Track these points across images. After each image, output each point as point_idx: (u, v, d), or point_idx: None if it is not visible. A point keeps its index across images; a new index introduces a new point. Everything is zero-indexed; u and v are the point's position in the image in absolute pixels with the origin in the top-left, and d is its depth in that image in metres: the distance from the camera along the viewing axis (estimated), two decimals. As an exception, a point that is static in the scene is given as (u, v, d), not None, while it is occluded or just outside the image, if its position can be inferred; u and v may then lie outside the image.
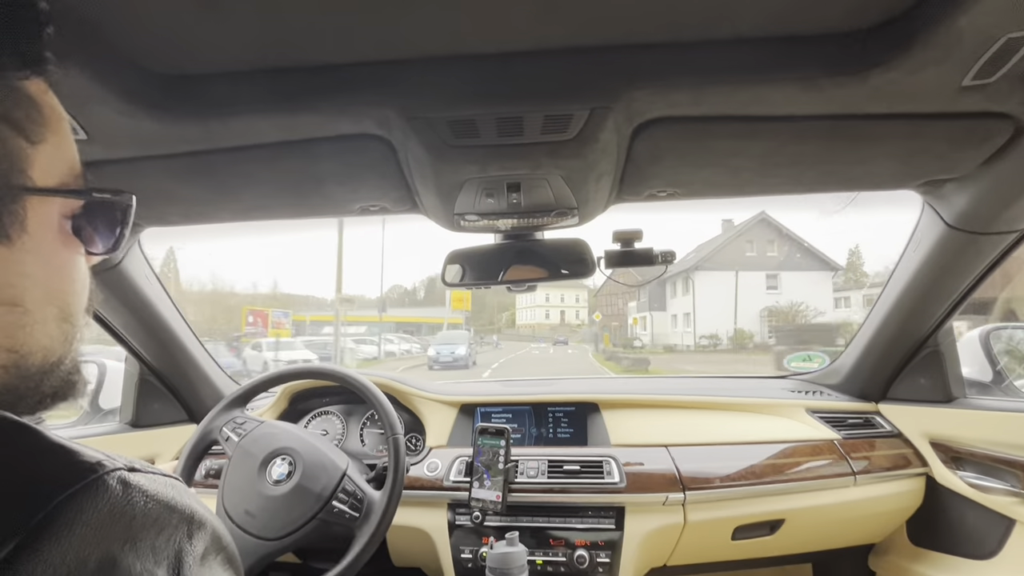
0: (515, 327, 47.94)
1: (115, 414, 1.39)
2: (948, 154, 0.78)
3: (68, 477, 0.28)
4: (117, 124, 0.65)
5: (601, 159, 0.76)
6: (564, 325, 43.50)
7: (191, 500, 0.33)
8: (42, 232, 0.33)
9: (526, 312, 47.15)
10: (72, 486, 0.27)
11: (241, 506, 0.95)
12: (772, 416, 1.35)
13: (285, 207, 0.96)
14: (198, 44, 0.59)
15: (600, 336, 27.14)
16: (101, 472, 0.29)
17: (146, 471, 0.32)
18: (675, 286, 25.87)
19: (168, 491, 0.32)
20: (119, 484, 0.29)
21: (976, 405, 1.16)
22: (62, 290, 0.35)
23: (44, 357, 0.34)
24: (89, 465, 0.29)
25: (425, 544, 1.21)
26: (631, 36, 0.60)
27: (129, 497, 0.29)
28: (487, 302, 55.90)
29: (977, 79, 0.61)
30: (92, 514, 0.27)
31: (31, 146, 0.32)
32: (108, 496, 0.28)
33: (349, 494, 0.97)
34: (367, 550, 0.93)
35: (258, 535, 0.92)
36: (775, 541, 1.21)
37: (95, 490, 0.28)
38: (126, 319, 1.18)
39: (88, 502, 0.27)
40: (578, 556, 1.14)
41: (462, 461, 1.25)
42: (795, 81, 0.63)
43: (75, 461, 0.29)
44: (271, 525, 0.93)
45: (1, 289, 0.31)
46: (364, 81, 0.64)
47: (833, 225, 14.98)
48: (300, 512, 0.94)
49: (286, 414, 1.45)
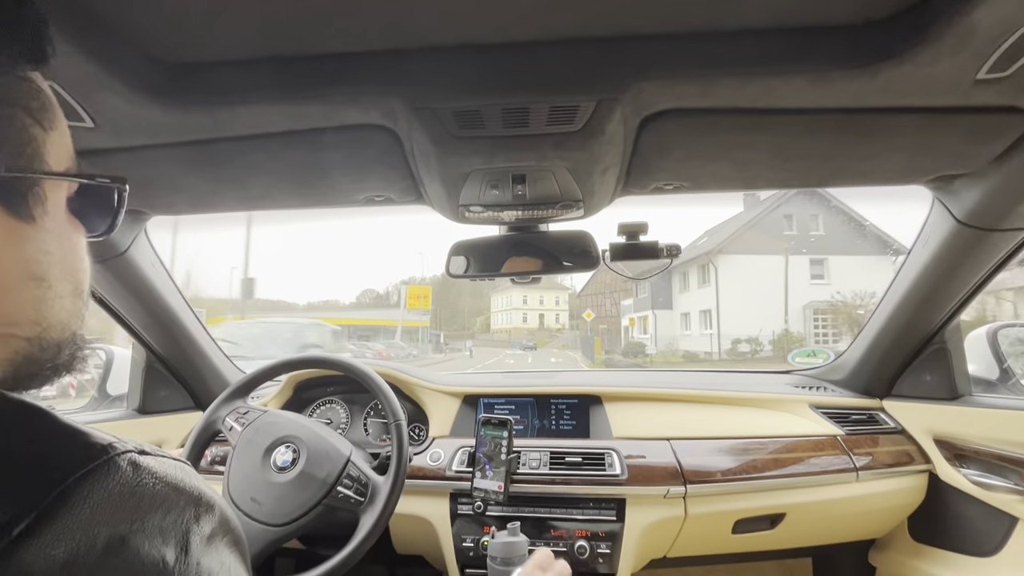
0: (490, 332, 43.98)
1: (122, 400, 1.41)
2: (960, 149, 0.77)
3: (81, 458, 0.29)
4: (124, 112, 0.65)
5: (607, 151, 0.76)
6: (543, 329, 40.21)
7: (199, 483, 0.34)
8: (56, 213, 0.36)
9: (501, 316, 43.55)
10: (84, 466, 0.28)
11: (247, 493, 0.96)
12: (775, 411, 1.35)
13: (291, 196, 0.96)
14: (205, 33, 0.59)
15: (591, 341, 23.39)
16: (112, 454, 0.30)
17: (155, 454, 0.32)
18: (686, 278, 20.41)
19: (177, 473, 0.32)
20: (129, 466, 0.30)
21: (982, 403, 1.15)
22: (75, 267, 0.37)
23: (61, 331, 0.36)
24: (101, 447, 0.30)
25: (427, 532, 1.23)
26: (639, 26, 0.59)
27: (139, 478, 0.30)
28: (460, 307, 52.40)
29: (992, 73, 0.60)
30: (103, 493, 0.28)
31: (44, 133, 0.34)
32: (119, 477, 0.29)
33: (353, 479, 0.99)
34: (372, 534, 0.94)
35: (264, 521, 0.94)
36: (775, 535, 1.22)
37: (106, 471, 0.29)
38: (133, 307, 1.19)
39: (99, 482, 0.28)
40: (579, 547, 1.15)
41: (465, 451, 1.26)
42: (805, 74, 0.62)
43: (87, 443, 0.30)
44: (277, 511, 0.94)
45: (29, 265, 0.33)
46: (370, 71, 0.64)
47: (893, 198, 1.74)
48: (305, 498, 0.95)
49: (291, 403, 1.46)
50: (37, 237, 0.34)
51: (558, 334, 38.18)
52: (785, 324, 16.51)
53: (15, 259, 0.33)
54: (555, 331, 39.56)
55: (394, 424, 1.04)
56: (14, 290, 0.33)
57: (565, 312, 41.29)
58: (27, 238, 0.33)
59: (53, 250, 0.35)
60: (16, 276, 0.33)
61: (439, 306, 48.87)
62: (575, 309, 38.00)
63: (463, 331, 47.71)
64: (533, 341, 33.49)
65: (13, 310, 0.33)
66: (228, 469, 1.01)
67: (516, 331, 39.17)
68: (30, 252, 0.33)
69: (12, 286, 0.32)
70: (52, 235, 0.35)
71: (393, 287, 65.47)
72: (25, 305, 0.33)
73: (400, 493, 0.99)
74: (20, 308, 0.33)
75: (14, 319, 0.33)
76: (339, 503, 0.96)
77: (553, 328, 40.66)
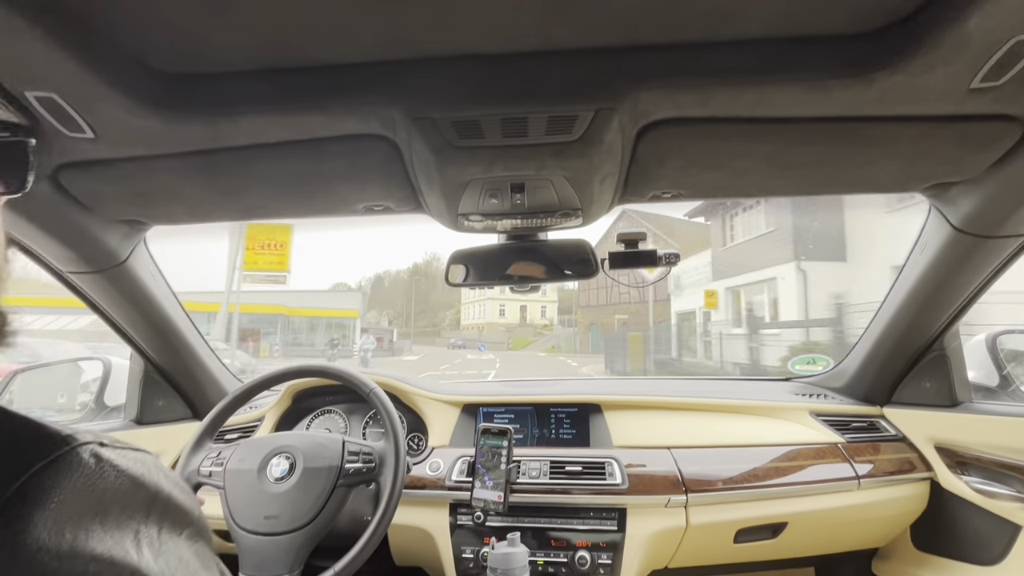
0: (459, 328, 35.32)
1: (120, 411, 1.40)
2: (955, 157, 0.78)
3: (40, 450, 0.28)
4: (124, 123, 0.65)
5: (606, 160, 0.76)
6: (525, 325, 31.27)
7: (160, 476, 0.33)
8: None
9: (474, 308, 33.53)
10: (44, 458, 0.27)
11: (259, 516, 0.95)
12: (775, 419, 1.34)
13: (289, 206, 0.96)
14: (205, 44, 0.59)
15: (618, 339, 14.51)
16: (73, 444, 0.29)
17: (116, 446, 0.32)
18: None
19: (138, 467, 0.32)
20: (92, 457, 0.29)
21: (982, 410, 1.15)
22: (1, 229, 0.36)
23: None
24: (61, 438, 0.29)
25: (426, 544, 1.22)
26: (636, 37, 0.60)
27: (101, 471, 0.29)
28: (432, 299, 44.49)
29: (985, 82, 0.60)
30: (66, 486, 0.27)
31: None
32: (81, 469, 0.28)
33: (356, 453, 1.01)
34: (394, 494, 0.96)
35: (288, 530, 0.93)
36: (778, 544, 1.21)
37: (68, 463, 0.28)
38: (131, 316, 1.19)
39: (62, 474, 0.27)
40: (579, 557, 1.14)
41: (464, 461, 1.26)
42: (801, 83, 0.62)
43: (46, 434, 0.29)
44: (297, 514, 0.94)
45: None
46: (369, 81, 0.64)
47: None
48: (320, 489, 0.96)
49: (289, 412, 1.45)
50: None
51: (544, 331, 30.37)
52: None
53: None
54: (540, 328, 31.42)
55: (388, 425, 1.03)
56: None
57: (553, 304, 32.44)
58: None
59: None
60: None
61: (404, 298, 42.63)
62: (567, 302, 29.66)
63: (431, 328, 39.28)
64: (484, 344, 27.40)
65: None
66: (227, 508, 0.97)
67: (491, 327, 30.51)
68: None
69: None
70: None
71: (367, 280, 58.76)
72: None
73: (404, 460, 1.00)
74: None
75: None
76: (353, 478, 0.98)
77: (538, 324, 32.06)
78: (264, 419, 1.42)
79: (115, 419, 1.39)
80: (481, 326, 31.76)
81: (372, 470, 1.00)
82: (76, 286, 1.07)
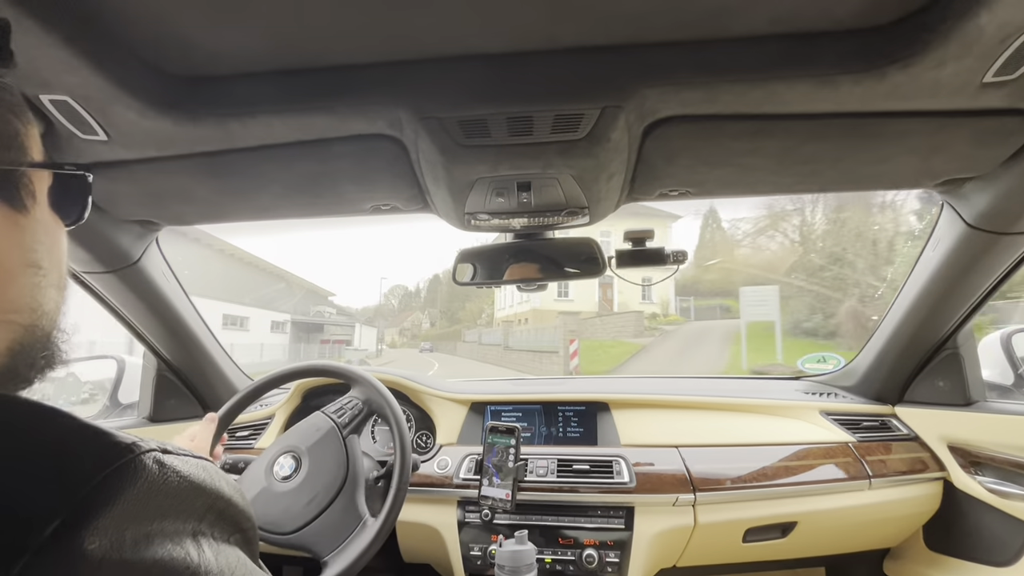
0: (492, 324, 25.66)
1: (133, 409, 1.42)
2: (968, 152, 0.77)
3: (106, 457, 0.29)
4: (137, 125, 0.67)
5: (612, 158, 0.76)
6: (612, 313, 17.47)
7: (220, 482, 0.35)
8: (42, 204, 0.38)
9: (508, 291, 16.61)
10: (111, 465, 0.28)
11: (265, 515, 0.97)
12: (785, 418, 1.33)
13: (299, 206, 0.97)
14: (215, 47, 0.60)
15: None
16: (137, 452, 0.30)
17: (178, 453, 0.33)
18: None
19: (200, 472, 0.33)
20: (155, 464, 0.30)
21: (996, 409, 1.13)
22: (59, 259, 0.39)
23: (51, 321, 0.37)
24: (125, 446, 0.30)
25: (435, 541, 1.22)
26: (642, 35, 0.60)
27: (165, 476, 0.30)
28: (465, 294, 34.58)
29: (998, 76, 0.60)
30: (131, 492, 0.28)
31: (24, 128, 0.36)
32: (145, 475, 0.29)
33: (363, 452, 1.04)
34: (400, 491, 0.98)
35: (293, 529, 0.95)
36: (787, 544, 1.20)
37: (132, 469, 0.29)
38: (144, 316, 1.20)
39: (127, 480, 0.28)
40: (587, 555, 1.14)
41: (472, 459, 1.26)
42: (810, 78, 0.62)
43: (111, 442, 0.30)
44: (303, 512, 0.96)
45: (25, 253, 0.35)
46: (376, 82, 0.65)
47: None
48: (330, 479, 0.99)
49: (299, 410, 1.46)
50: (31, 227, 0.36)
51: (663, 324, 16.56)
52: None
53: (15, 247, 0.34)
54: (649, 319, 17.01)
55: (394, 426, 1.05)
56: (16, 276, 0.34)
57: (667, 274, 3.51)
58: (23, 227, 0.35)
59: (43, 239, 0.37)
60: (17, 263, 0.35)
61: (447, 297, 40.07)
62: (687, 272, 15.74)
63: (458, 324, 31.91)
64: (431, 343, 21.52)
65: (15, 296, 0.34)
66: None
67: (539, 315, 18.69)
68: (27, 241, 0.35)
69: (14, 273, 0.34)
70: (42, 225, 0.37)
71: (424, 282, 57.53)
72: (24, 292, 0.35)
73: (410, 457, 1.02)
74: (20, 295, 0.35)
75: (15, 305, 0.34)
76: (360, 476, 1.00)
77: (631, 309, 17.42)
78: (274, 417, 1.44)
79: (129, 416, 1.41)
80: (523, 317, 20.11)
81: (378, 467, 1.01)
82: (90, 286, 1.09)
